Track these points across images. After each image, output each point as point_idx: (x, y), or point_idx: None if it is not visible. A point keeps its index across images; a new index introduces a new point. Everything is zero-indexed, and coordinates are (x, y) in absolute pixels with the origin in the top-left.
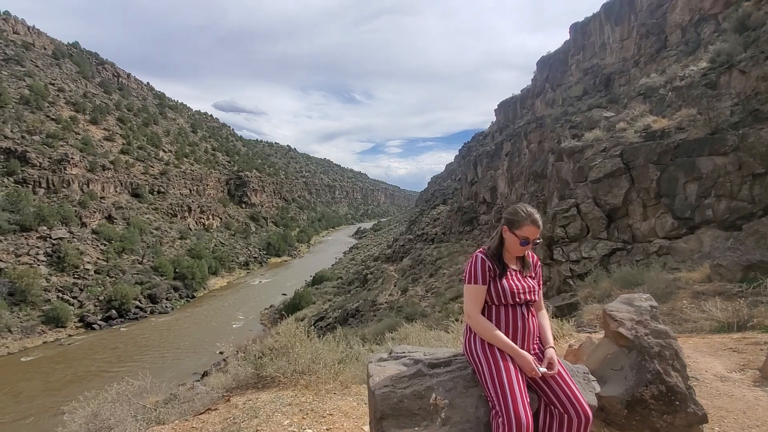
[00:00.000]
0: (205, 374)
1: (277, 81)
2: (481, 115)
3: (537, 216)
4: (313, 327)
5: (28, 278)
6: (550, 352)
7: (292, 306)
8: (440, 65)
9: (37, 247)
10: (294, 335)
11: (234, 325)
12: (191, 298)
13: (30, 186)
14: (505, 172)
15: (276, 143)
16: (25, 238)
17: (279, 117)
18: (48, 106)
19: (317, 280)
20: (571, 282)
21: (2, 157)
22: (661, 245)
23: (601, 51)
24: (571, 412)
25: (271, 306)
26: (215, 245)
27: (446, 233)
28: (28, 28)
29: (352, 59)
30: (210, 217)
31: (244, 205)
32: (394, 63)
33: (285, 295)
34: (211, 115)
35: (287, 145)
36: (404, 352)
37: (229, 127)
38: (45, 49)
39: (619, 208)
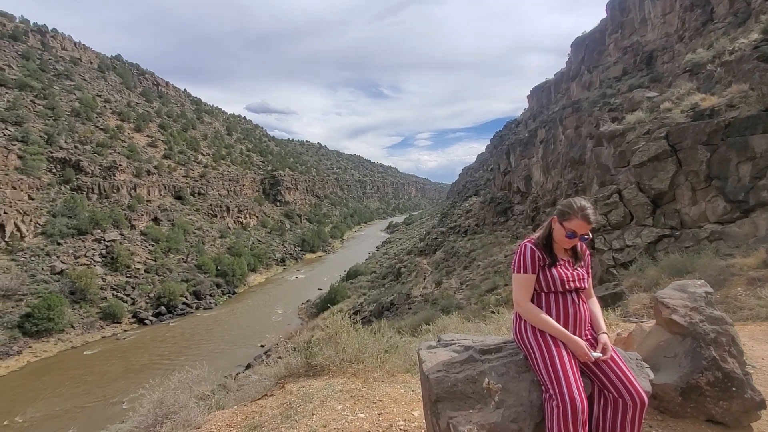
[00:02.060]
0: (248, 366)
1: (306, 80)
2: (512, 103)
3: (590, 212)
4: (351, 319)
5: (86, 278)
6: (604, 338)
7: (328, 300)
8: (468, 53)
9: (93, 249)
10: (341, 326)
11: (274, 319)
12: (233, 294)
13: (84, 192)
14: (539, 160)
15: (307, 141)
16: (82, 241)
17: (309, 115)
18: (96, 117)
19: (351, 274)
20: (615, 271)
21: (59, 166)
22: (712, 230)
23: (642, 27)
24: (625, 396)
25: (307, 300)
26: (253, 243)
27: (479, 225)
28: (75, 44)
29: (378, 53)
30: (247, 216)
31: (278, 204)
32: (420, 54)
33: (321, 290)
34: (244, 118)
35: (318, 143)
36: (453, 340)
37: (262, 128)
38: (91, 63)
39: (665, 193)
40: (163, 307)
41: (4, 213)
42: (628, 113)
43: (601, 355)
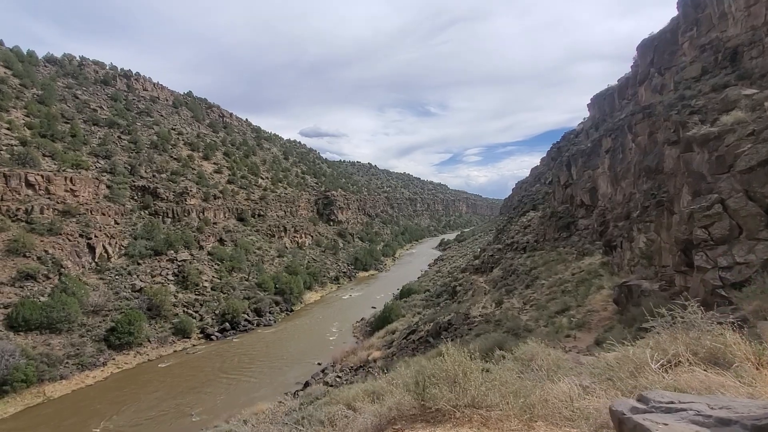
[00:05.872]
0: (306, 384)
1: (355, 103)
2: (567, 113)
3: None
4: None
5: (161, 295)
6: None
7: (383, 319)
8: (518, 65)
9: (167, 269)
10: (460, 362)
11: (329, 337)
12: (290, 312)
13: (160, 217)
14: (606, 170)
15: (357, 162)
16: (158, 261)
17: (358, 137)
18: (171, 148)
19: (405, 293)
20: (724, 293)
21: (139, 193)
22: None
23: (722, 22)
24: None
25: (362, 319)
26: (308, 262)
27: (539, 241)
28: (154, 84)
29: (424, 73)
30: (303, 235)
31: (331, 223)
32: (467, 70)
33: (374, 308)
34: (299, 142)
35: (368, 163)
36: (673, 401)
37: (315, 151)
38: (167, 100)
39: None
40: (227, 324)
41: (95, 236)
42: (722, 114)
43: None
